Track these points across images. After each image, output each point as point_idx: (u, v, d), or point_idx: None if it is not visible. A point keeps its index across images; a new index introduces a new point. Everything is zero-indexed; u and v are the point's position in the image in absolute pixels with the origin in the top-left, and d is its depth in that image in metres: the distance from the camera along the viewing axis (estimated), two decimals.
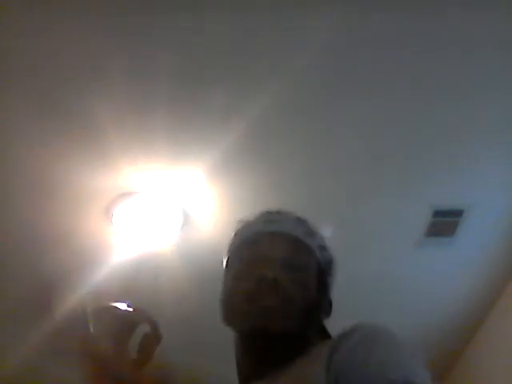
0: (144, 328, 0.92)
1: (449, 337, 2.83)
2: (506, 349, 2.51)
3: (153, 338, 0.92)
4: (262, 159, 2.05)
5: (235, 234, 0.99)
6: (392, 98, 1.87)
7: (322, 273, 0.93)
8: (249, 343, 0.86)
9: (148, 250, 2.31)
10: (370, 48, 1.71)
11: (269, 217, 0.97)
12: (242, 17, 1.60)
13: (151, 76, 1.74)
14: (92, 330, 0.89)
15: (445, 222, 2.30)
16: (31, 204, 2.12)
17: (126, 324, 0.92)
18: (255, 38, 1.66)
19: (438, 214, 2.26)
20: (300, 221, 0.96)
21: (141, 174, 2.05)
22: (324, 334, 0.91)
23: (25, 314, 2.51)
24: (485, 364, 2.71)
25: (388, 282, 2.55)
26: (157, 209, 2.17)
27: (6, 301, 2.49)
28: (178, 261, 2.36)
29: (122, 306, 0.93)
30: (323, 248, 0.95)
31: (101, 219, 2.20)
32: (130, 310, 0.93)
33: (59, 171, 2.00)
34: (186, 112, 1.85)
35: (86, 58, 1.68)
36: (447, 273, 2.54)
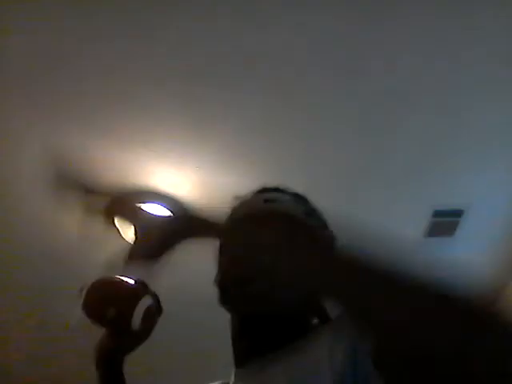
0: (146, 301, 0.91)
1: None
2: None
3: (155, 311, 0.92)
4: (262, 159, 2.05)
5: (231, 212, 0.94)
6: (392, 99, 1.87)
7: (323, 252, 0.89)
8: (246, 326, 0.84)
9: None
10: (371, 47, 1.71)
11: (266, 195, 0.92)
12: (242, 17, 1.61)
13: (151, 76, 1.74)
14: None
15: (445, 222, 2.30)
16: (31, 204, 2.12)
17: (129, 296, 0.92)
18: (255, 38, 1.66)
19: (437, 214, 2.26)
20: (300, 199, 0.92)
21: (140, 174, 2.05)
22: (322, 316, 0.88)
23: (25, 314, 2.51)
24: None
25: None
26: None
27: (6, 301, 2.49)
28: (179, 259, 2.36)
29: (126, 279, 0.94)
30: (324, 227, 0.92)
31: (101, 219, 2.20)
32: (133, 283, 0.94)
33: (59, 172, 2.00)
34: (186, 112, 1.86)
35: (86, 58, 1.69)
36: (447, 273, 2.53)
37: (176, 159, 2.00)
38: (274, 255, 0.81)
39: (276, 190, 0.94)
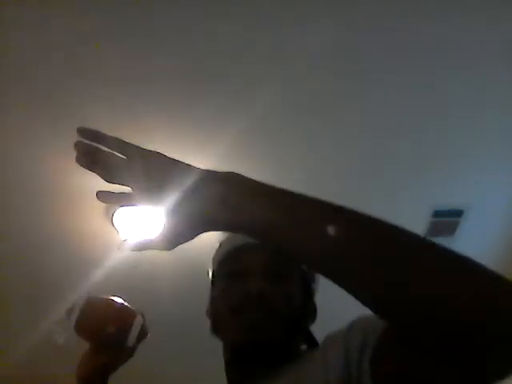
0: (140, 320, 0.94)
1: None
2: None
3: (146, 330, 0.95)
4: (262, 159, 2.05)
5: (219, 246, 0.98)
6: (392, 99, 1.87)
7: (306, 279, 0.93)
8: (237, 354, 0.87)
9: (148, 250, 2.30)
10: (371, 48, 1.71)
11: None
12: (241, 16, 1.61)
13: (151, 76, 1.74)
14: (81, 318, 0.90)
15: (445, 222, 2.30)
16: (31, 204, 2.12)
17: (127, 314, 0.94)
18: (255, 38, 1.66)
19: (437, 214, 2.27)
20: None
21: None
22: (310, 341, 0.92)
23: (26, 314, 2.51)
24: None
25: None
26: (157, 209, 2.16)
27: (7, 300, 2.49)
28: (178, 261, 2.36)
29: (119, 300, 0.96)
30: None
31: (101, 219, 2.20)
32: (126, 304, 0.97)
33: (59, 172, 2.00)
34: (185, 112, 1.86)
35: (87, 59, 1.69)
36: None
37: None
38: (261, 286, 0.84)
39: None
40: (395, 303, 0.52)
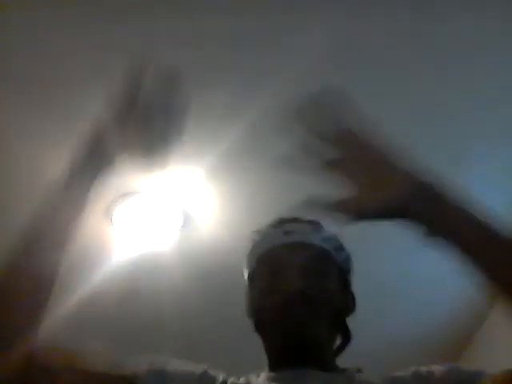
0: None
1: (449, 337, 2.82)
2: (506, 349, 2.51)
3: None
4: (262, 159, 2.05)
5: (253, 246, 1.00)
6: (392, 99, 1.87)
7: (342, 272, 0.98)
8: (283, 352, 0.89)
9: (148, 250, 2.31)
10: (371, 48, 1.71)
11: (285, 227, 0.98)
12: (242, 17, 1.61)
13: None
14: None
15: None
16: (31, 204, 2.12)
17: None
18: (255, 38, 1.67)
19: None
20: (315, 226, 0.98)
21: (141, 175, 2.05)
22: (346, 333, 0.96)
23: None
24: (484, 364, 2.70)
25: (387, 282, 2.55)
26: (157, 209, 2.17)
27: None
28: (178, 261, 2.36)
29: None
30: (339, 248, 0.99)
31: (101, 219, 2.20)
32: None
33: (59, 172, 2.00)
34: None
35: (86, 59, 1.69)
36: (447, 273, 2.53)
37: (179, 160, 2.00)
38: (302, 283, 0.88)
39: (292, 220, 1.00)
40: None
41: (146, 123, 0.83)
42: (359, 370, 0.91)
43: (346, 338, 0.96)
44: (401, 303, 2.66)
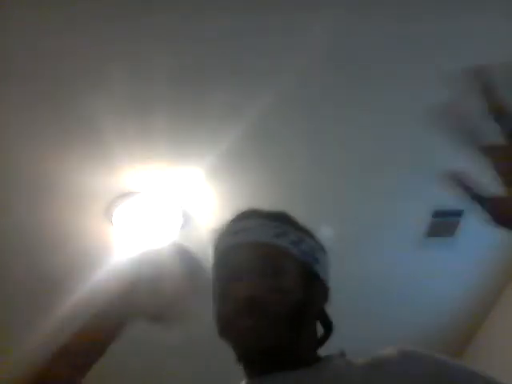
0: None
1: (449, 337, 2.82)
2: (506, 348, 2.51)
3: None
4: (262, 159, 2.05)
5: (213, 247, 0.96)
6: (392, 99, 1.87)
7: (304, 265, 0.89)
8: (248, 361, 0.86)
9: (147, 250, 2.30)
10: (371, 48, 1.71)
11: (234, 227, 0.93)
12: (242, 17, 1.61)
13: (151, 76, 1.74)
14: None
15: (445, 222, 2.30)
16: (31, 204, 2.12)
17: None
18: (255, 38, 1.66)
19: (437, 214, 2.26)
20: (268, 221, 0.91)
21: (141, 174, 2.05)
22: (325, 322, 0.92)
23: (25, 316, 2.51)
24: (484, 364, 2.71)
25: (388, 282, 2.55)
26: (157, 209, 2.17)
27: (7, 301, 2.49)
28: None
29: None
30: (299, 242, 0.90)
31: (101, 219, 2.20)
32: None
33: (60, 172, 2.00)
34: (186, 112, 1.86)
35: (86, 59, 1.69)
36: (447, 273, 2.54)
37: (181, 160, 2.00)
38: (251, 289, 0.83)
39: (244, 217, 0.94)
40: None
41: None
42: (342, 354, 0.87)
43: (328, 327, 0.91)
44: (401, 304, 2.66)
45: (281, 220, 0.92)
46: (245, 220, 0.93)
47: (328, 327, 0.92)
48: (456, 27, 1.66)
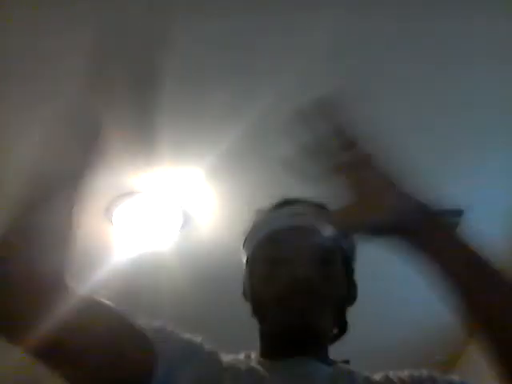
0: None
1: (449, 337, 2.82)
2: None
3: None
4: (262, 159, 2.05)
5: (254, 227, 0.94)
6: (392, 99, 1.87)
7: (347, 260, 0.92)
8: (282, 339, 0.85)
9: (148, 250, 2.31)
10: (371, 48, 1.71)
11: (290, 210, 0.92)
12: (242, 17, 1.61)
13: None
14: None
15: None
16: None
17: None
18: (255, 38, 1.66)
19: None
20: (321, 210, 0.91)
21: (141, 174, 2.05)
22: (342, 323, 0.92)
23: None
24: (484, 364, 2.70)
25: (387, 282, 2.55)
26: (157, 209, 2.17)
27: None
28: (178, 261, 2.36)
29: None
30: (345, 236, 0.92)
31: (101, 219, 2.20)
32: None
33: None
34: (186, 112, 1.86)
35: (87, 59, 1.68)
36: None
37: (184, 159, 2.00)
38: (307, 271, 0.84)
39: (298, 201, 0.94)
40: None
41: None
42: (347, 362, 0.89)
43: (342, 328, 0.92)
44: (401, 304, 2.66)
45: (330, 211, 0.92)
46: (299, 204, 0.93)
47: (343, 327, 0.92)
48: (456, 27, 1.66)
